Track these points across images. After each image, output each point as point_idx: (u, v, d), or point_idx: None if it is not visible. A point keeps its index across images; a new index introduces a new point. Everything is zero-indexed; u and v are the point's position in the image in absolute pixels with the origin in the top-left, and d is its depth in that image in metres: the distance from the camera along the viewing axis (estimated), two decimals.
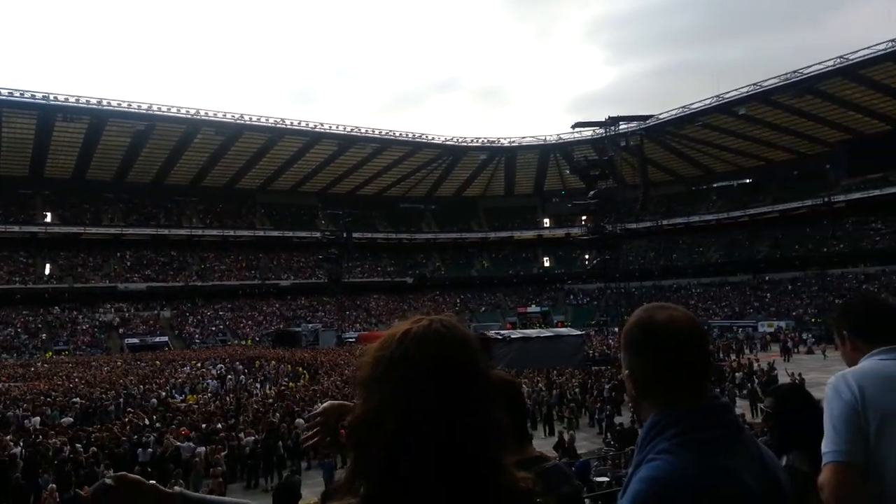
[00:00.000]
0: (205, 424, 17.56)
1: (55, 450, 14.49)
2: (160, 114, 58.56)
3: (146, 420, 18.58)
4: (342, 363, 33.33)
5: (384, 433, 0.90)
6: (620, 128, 50.42)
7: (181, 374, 33.14)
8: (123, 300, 61.16)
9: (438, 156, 75.64)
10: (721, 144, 67.81)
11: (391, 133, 70.04)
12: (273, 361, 37.34)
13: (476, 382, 0.96)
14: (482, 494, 0.92)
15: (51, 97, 53.73)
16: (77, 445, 14.99)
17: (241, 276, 67.77)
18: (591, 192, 42.31)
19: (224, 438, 16.19)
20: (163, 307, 62.06)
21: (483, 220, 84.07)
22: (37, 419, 19.60)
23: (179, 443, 15.21)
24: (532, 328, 50.17)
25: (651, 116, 61.95)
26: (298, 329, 55.97)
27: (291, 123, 64.72)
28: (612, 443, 17.48)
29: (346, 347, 46.84)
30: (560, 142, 74.08)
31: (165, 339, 57.12)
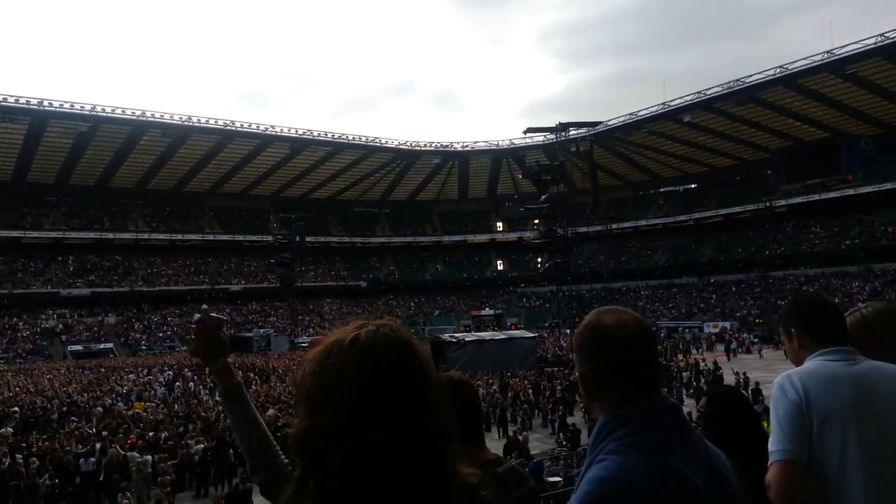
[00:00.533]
0: (152, 433, 17.17)
1: None
2: (104, 115, 56.76)
3: (91, 429, 18.04)
4: (296, 368, 32.82)
5: (343, 445, 0.86)
6: (571, 134, 51.09)
7: (127, 382, 32.28)
8: (66, 306, 59.03)
9: (392, 160, 75.33)
10: (667, 150, 69.47)
11: (344, 136, 69.51)
12: None
13: (429, 385, 0.95)
14: (442, 497, 0.90)
15: None
16: (17, 456, 14.49)
17: (190, 281, 66.15)
18: (543, 197, 42.72)
19: (173, 447, 15.86)
20: (107, 313, 60.12)
21: (437, 224, 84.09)
22: None
23: (125, 452, 14.84)
24: (486, 331, 50.39)
25: (600, 123, 63.15)
26: (250, 334, 55.04)
27: (242, 126, 63.57)
28: (565, 443, 17.72)
29: (300, 352, 46.24)
30: (512, 147, 74.78)
31: (111, 346, 55.38)
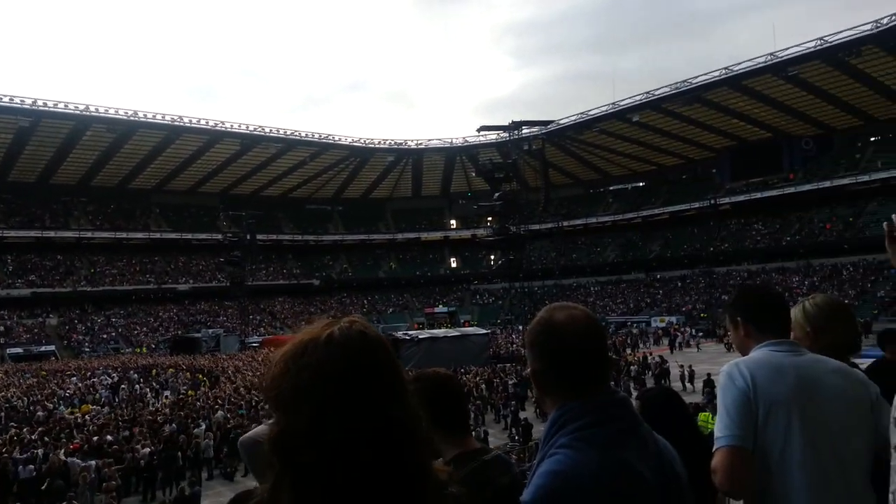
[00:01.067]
0: (96, 437, 16.64)
1: None
2: (46, 109, 54.78)
3: (32, 435, 17.38)
4: (245, 368, 32.37)
5: (323, 444, 0.86)
6: (523, 132, 51.52)
7: (70, 385, 31.19)
8: (5, 307, 56.55)
9: (345, 157, 74.73)
10: (617, 150, 70.84)
11: (297, 133, 68.61)
12: (171, 369, 35.64)
13: (400, 379, 0.95)
14: (419, 491, 0.90)
15: None
16: None
17: (135, 281, 64.32)
18: (496, 195, 43.02)
19: (118, 451, 15.44)
20: (49, 314, 57.93)
21: (391, 222, 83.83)
22: None
23: (67, 458, 14.36)
24: (439, 328, 50.44)
25: (553, 122, 63.88)
26: (198, 335, 53.71)
27: (190, 121, 62.06)
28: (517, 437, 17.91)
29: (250, 352, 45.47)
30: (466, 144, 75.10)
31: (52, 349, 53.27)
